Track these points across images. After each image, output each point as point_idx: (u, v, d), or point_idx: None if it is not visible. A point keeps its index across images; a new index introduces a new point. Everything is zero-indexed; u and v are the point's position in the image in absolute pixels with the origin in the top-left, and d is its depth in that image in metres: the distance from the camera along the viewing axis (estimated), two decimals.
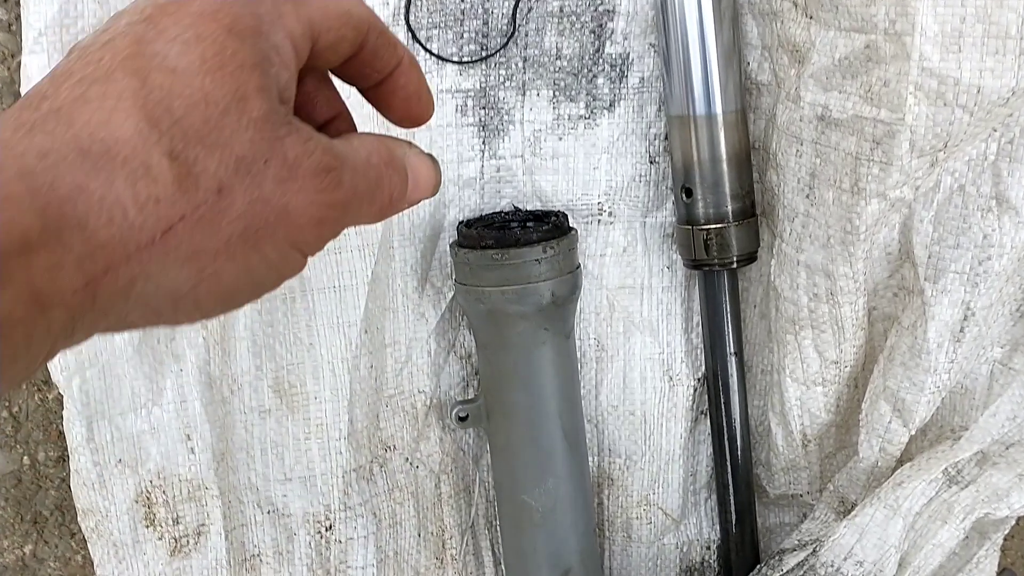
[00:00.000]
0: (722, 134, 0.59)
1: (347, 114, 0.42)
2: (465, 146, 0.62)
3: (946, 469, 0.60)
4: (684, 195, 0.61)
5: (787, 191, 0.59)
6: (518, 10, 0.60)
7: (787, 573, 0.60)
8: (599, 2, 0.60)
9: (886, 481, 0.60)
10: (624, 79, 0.62)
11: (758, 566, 0.63)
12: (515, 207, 0.63)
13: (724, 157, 0.60)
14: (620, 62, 0.62)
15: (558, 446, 0.62)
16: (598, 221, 0.64)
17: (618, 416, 0.68)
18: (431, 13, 0.59)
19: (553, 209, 0.63)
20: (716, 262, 0.62)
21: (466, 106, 0.61)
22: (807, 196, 0.58)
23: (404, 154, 0.38)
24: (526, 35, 0.60)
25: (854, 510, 0.60)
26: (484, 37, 0.60)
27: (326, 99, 0.41)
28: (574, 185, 0.64)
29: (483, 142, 0.62)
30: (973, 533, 0.62)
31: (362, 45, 0.37)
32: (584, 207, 0.64)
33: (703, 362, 0.67)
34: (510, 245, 0.57)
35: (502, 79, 0.61)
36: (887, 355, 0.60)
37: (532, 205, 0.64)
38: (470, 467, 0.68)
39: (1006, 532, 0.62)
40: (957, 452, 0.59)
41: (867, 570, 0.59)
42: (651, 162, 0.64)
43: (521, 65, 0.61)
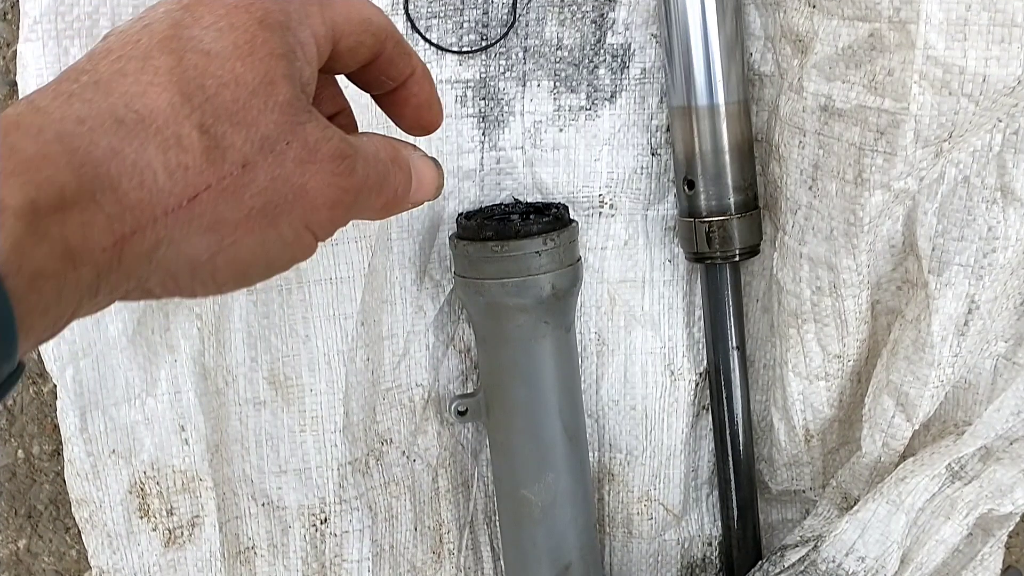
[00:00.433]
0: (724, 125, 0.59)
1: (349, 111, 0.45)
2: (465, 137, 0.61)
3: (949, 464, 0.59)
4: (686, 187, 0.61)
5: (790, 183, 0.58)
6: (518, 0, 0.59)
7: (788, 568, 0.60)
8: None
9: (889, 476, 0.60)
10: (626, 70, 0.61)
11: (759, 562, 0.63)
12: (515, 199, 0.63)
13: (727, 148, 0.59)
14: (622, 52, 0.61)
15: (558, 441, 0.61)
16: (599, 214, 0.64)
17: (619, 411, 0.67)
18: (430, 2, 0.58)
19: (554, 201, 0.62)
20: (718, 255, 0.61)
21: (466, 97, 0.61)
22: (810, 188, 0.57)
23: (408, 155, 0.41)
24: (526, 25, 0.60)
25: (856, 505, 0.60)
26: (484, 27, 0.59)
27: (331, 95, 0.43)
28: (575, 177, 0.63)
29: (483, 133, 0.62)
30: (977, 530, 0.61)
31: (379, 52, 0.39)
32: (585, 199, 0.63)
33: (705, 356, 0.67)
34: (510, 237, 0.56)
35: (502, 69, 0.61)
36: (890, 349, 0.59)
37: (532, 197, 0.63)
38: (469, 462, 0.68)
39: (1010, 529, 0.61)
40: (960, 447, 0.59)
41: (869, 566, 0.58)
42: (653, 154, 0.63)
43: (521, 55, 0.61)
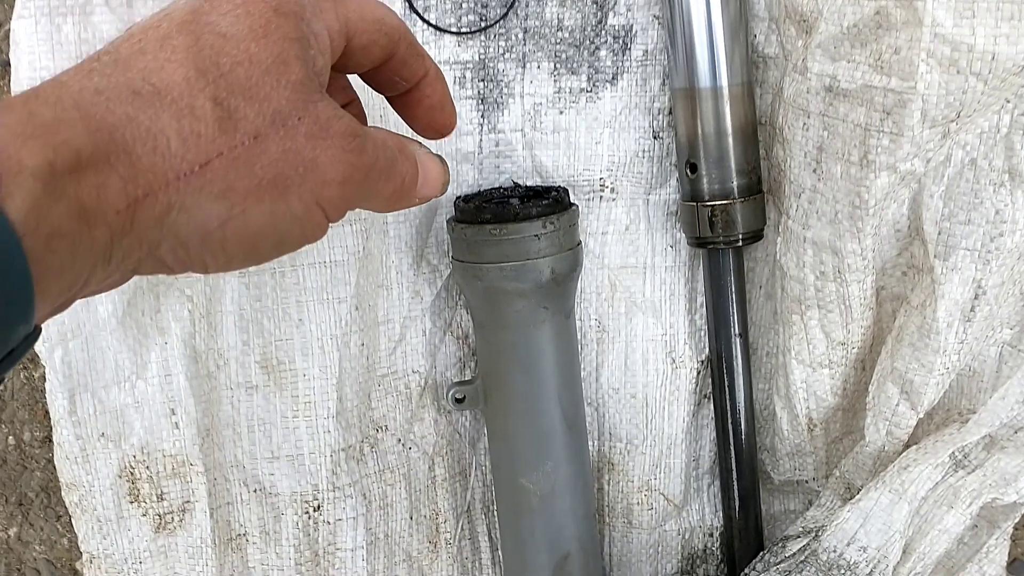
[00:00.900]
0: (728, 108, 0.58)
1: (359, 103, 0.47)
2: (463, 119, 0.60)
3: (953, 453, 0.58)
4: (688, 171, 0.60)
5: (793, 166, 0.57)
6: None
7: (788, 559, 0.59)
8: None
9: (891, 465, 0.58)
10: (627, 51, 0.60)
11: (761, 553, 0.62)
12: (514, 182, 0.62)
13: (730, 131, 0.58)
14: (623, 34, 0.60)
15: (557, 429, 0.60)
16: (600, 198, 0.63)
17: (619, 399, 0.66)
18: None
19: (554, 185, 0.61)
20: (721, 240, 0.60)
21: (464, 78, 0.60)
22: (814, 171, 0.56)
23: (415, 149, 0.42)
24: (526, 5, 0.59)
25: (858, 494, 0.58)
26: (483, 7, 0.58)
27: (340, 87, 0.45)
28: (575, 160, 0.62)
29: (482, 115, 0.61)
30: (982, 521, 0.60)
31: (392, 53, 0.41)
32: (585, 183, 0.62)
33: (707, 344, 0.66)
34: (509, 220, 0.55)
35: (502, 51, 0.60)
36: (895, 335, 0.58)
37: (532, 181, 0.62)
38: (466, 450, 0.67)
39: (1016, 520, 0.60)
40: (965, 436, 0.58)
41: (871, 556, 0.57)
42: (655, 137, 0.62)
43: (521, 36, 0.59)
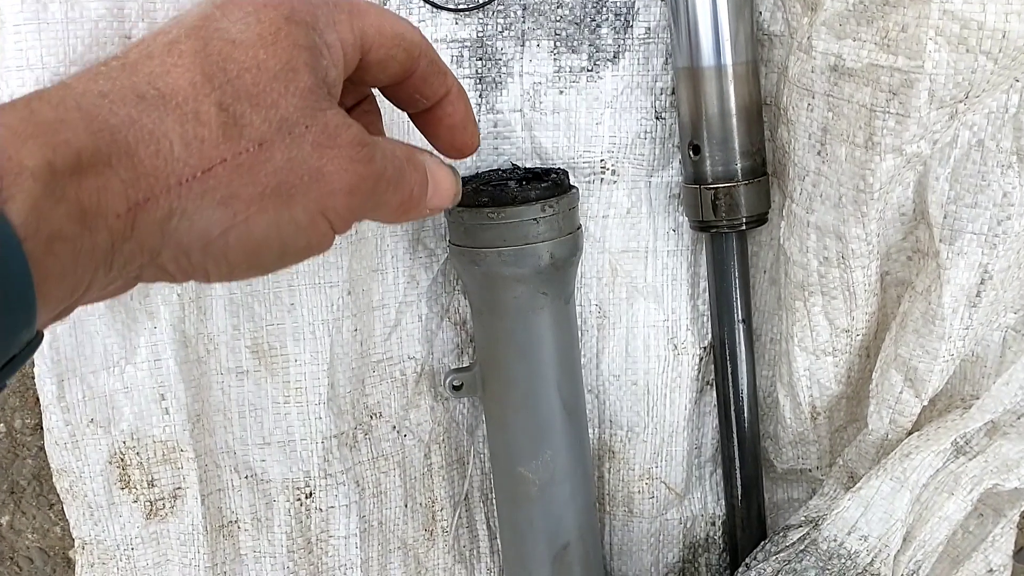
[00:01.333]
0: (732, 87, 0.56)
1: (378, 116, 0.47)
2: None
3: (955, 440, 0.57)
4: (691, 152, 0.58)
5: (798, 148, 0.56)
6: None
7: (788, 547, 0.58)
8: None
9: (893, 452, 0.57)
10: (629, 29, 0.59)
11: (762, 542, 0.61)
12: (513, 164, 0.60)
13: (734, 112, 0.57)
14: (625, 11, 0.59)
15: (556, 416, 0.59)
16: (601, 180, 0.61)
17: (620, 386, 0.65)
18: None
19: (553, 167, 0.60)
20: (724, 223, 0.59)
21: (462, 57, 0.59)
22: (818, 153, 0.55)
23: (424, 159, 0.42)
24: None
25: (859, 482, 0.57)
26: None
27: (361, 99, 0.45)
28: (576, 141, 0.61)
29: (480, 95, 0.59)
30: (988, 510, 0.59)
31: (412, 69, 0.40)
32: (586, 165, 0.61)
33: (709, 330, 0.64)
34: (507, 203, 0.54)
35: (500, 28, 0.58)
36: (899, 322, 0.57)
37: (531, 162, 0.61)
38: (464, 438, 0.65)
39: (1022, 509, 0.59)
40: (967, 422, 0.57)
41: (871, 545, 0.56)
42: (657, 118, 0.61)
43: (520, 14, 0.58)
